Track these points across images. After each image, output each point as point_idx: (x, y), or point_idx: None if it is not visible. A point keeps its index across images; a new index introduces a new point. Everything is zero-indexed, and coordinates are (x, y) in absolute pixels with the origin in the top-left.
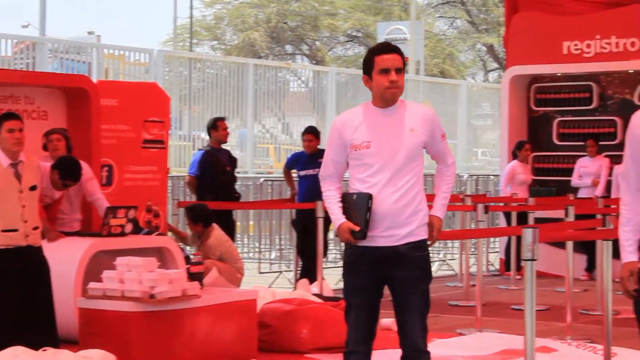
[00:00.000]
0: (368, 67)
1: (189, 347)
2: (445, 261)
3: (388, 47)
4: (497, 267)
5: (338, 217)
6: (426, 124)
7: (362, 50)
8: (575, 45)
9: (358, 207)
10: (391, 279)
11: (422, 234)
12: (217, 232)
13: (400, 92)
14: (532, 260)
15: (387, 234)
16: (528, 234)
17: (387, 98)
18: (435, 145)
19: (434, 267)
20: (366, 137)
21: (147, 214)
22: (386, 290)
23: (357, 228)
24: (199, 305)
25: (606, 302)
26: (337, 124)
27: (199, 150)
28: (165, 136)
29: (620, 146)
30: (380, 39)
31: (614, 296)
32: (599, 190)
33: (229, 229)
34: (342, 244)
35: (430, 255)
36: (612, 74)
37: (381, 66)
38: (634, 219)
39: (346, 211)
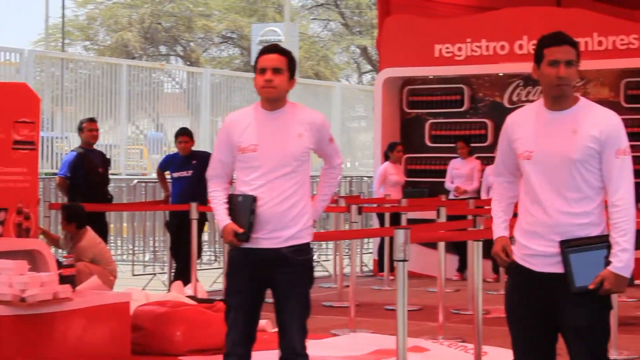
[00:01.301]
0: (255, 68)
1: (61, 351)
2: (319, 262)
3: (270, 48)
4: (371, 267)
5: (223, 219)
6: (314, 131)
7: (236, 52)
8: (447, 48)
9: (242, 209)
10: (273, 282)
11: (306, 237)
12: (89, 235)
13: (276, 92)
14: (404, 260)
15: (271, 236)
16: (400, 235)
17: (263, 97)
18: (322, 150)
19: None
20: (253, 140)
21: (18, 216)
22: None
23: (241, 230)
24: (71, 308)
25: (477, 301)
26: (226, 125)
27: (71, 151)
28: (36, 137)
29: (491, 148)
30: (255, 40)
31: (485, 296)
32: (471, 192)
33: (101, 231)
34: (217, 246)
35: None
36: (482, 77)
37: (261, 65)
38: (503, 202)
39: (231, 212)
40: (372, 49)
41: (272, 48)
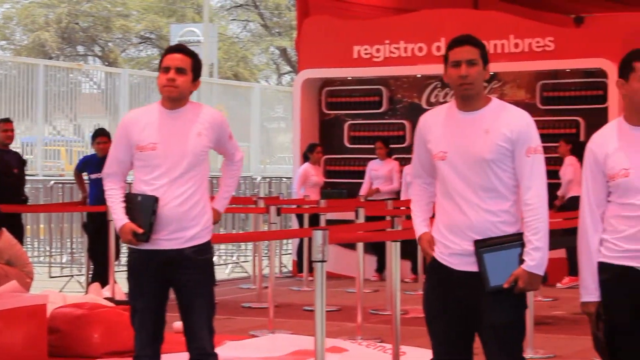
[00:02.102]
0: (159, 66)
1: None
2: (238, 263)
3: (175, 48)
4: (290, 268)
5: (120, 218)
6: (214, 130)
7: (155, 52)
8: (366, 49)
9: (143, 209)
10: (176, 282)
11: (207, 237)
12: (5, 236)
13: (177, 92)
14: (322, 261)
15: (172, 237)
16: (318, 236)
17: (164, 96)
18: (223, 147)
19: (227, 270)
20: (153, 139)
21: None
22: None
23: (140, 230)
24: None
25: (395, 302)
26: (125, 123)
27: None
28: None
29: (410, 149)
30: (174, 41)
31: (403, 296)
32: (389, 192)
33: (17, 233)
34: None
35: (224, 257)
36: (401, 78)
37: (165, 64)
38: (422, 202)
39: (129, 212)
40: (291, 50)
41: (177, 48)
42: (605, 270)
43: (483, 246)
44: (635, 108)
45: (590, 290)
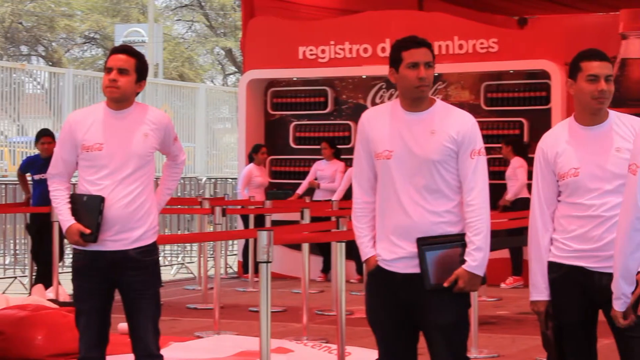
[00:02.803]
0: (104, 67)
1: None
2: (183, 264)
3: (120, 49)
4: (236, 269)
5: (67, 219)
6: (160, 131)
7: (99, 52)
8: (311, 50)
9: (89, 209)
10: (121, 284)
11: (152, 238)
12: None
13: (119, 92)
14: (268, 262)
15: (118, 238)
16: (263, 237)
17: (107, 96)
18: (167, 148)
19: (173, 271)
20: (99, 139)
21: None
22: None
23: (87, 231)
24: None
25: (340, 302)
26: (70, 122)
27: None
28: None
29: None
30: (119, 41)
31: (349, 296)
32: (337, 195)
33: None
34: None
35: (169, 258)
36: (346, 79)
37: (108, 64)
38: (368, 216)
39: (75, 213)
40: (236, 51)
41: (122, 49)
42: (555, 270)
43: (425, 244)
44: (584, 108)
45: (540, 289)
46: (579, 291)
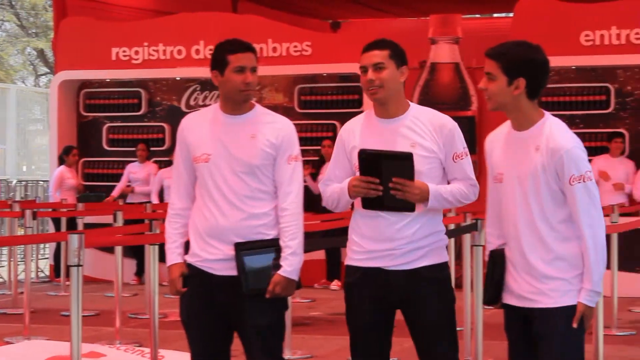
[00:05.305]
0: None
1: None
2: None
3: None
4: (48, 273)
5: None
6: None
7: None
8: (124, 51)
9: None
10: None
11: None
12: None
13: None
14: (79, 266)
15: None
16: (74, 240)
17: None
18: None
19: None
20: None
21: None
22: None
23: None
24: None
25: (153, 305)
26: None
27: None
28: None
29: (169, 152)
30: None
31: (162, 299)
32: (152, 197)
33: None
34: None
35: None
36: (160, 81)
37: None
38: (180, 222)
39: None
40: (48, 51)
41: None
42: (351, 273)
43: (243, 248)
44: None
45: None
46: (371, 293)
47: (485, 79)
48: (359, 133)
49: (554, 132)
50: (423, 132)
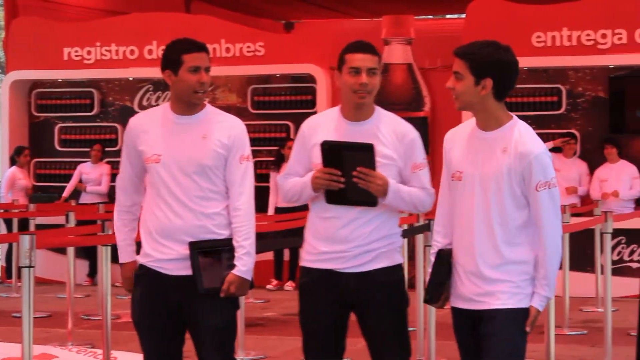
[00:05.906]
0: None
1: None
2: None
3: None
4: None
5: None
6: None
7: None
8: (76, 51)
9: None
10: None
11: None
12: None
13: None
14: (30, 267)
15: None
16: (25, 241)
17: None
18: None
19: None
20: None
21: None
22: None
23: None
24: None
25: (106, 306)
26: None
27: None
28: None
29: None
30: None
31: (115, 300)
32: (97, 196)
33: None
34: None
35: None
36: (112, 81)
37: None
38: (129, 219)
39: None
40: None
41: None
42: (305, 274)
43: (197, 248)
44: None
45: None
46: (327, 295)
47: (452, 78)
48: (321, 132)
49: (524, 136)
50: (384, 139)
